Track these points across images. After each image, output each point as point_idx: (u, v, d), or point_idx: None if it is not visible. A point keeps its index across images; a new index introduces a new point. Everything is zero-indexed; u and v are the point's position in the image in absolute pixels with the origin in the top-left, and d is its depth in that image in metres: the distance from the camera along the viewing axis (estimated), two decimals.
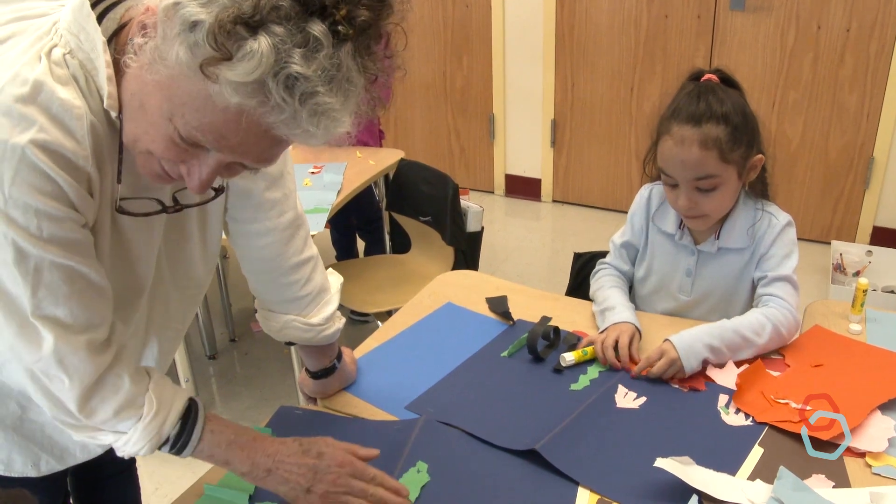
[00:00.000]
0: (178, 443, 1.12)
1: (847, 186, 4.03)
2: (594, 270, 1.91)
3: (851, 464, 1.39)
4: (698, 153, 1.62)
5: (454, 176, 2.94)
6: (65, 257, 0.96)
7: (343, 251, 3.65)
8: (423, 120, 4.89)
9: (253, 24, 0.80)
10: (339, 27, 0.83)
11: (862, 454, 1.41)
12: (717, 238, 1.77)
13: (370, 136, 3.39)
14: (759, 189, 1.78)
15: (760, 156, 1.71)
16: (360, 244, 3.70)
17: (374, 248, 3.56)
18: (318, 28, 0.82)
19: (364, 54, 0.87)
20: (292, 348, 2.68)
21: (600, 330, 1.70)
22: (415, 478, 1.30)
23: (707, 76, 1.72)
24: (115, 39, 0.94)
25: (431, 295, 1.92)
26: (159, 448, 1.11)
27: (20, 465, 1.22)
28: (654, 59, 4.18)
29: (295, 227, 1.35)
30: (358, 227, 3.60)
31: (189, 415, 1.13)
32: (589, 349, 1.64)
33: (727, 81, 1.72)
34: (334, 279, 1.48)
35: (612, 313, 1.71)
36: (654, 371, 1.58)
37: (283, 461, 1.18)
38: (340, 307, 1.47)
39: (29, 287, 0.95)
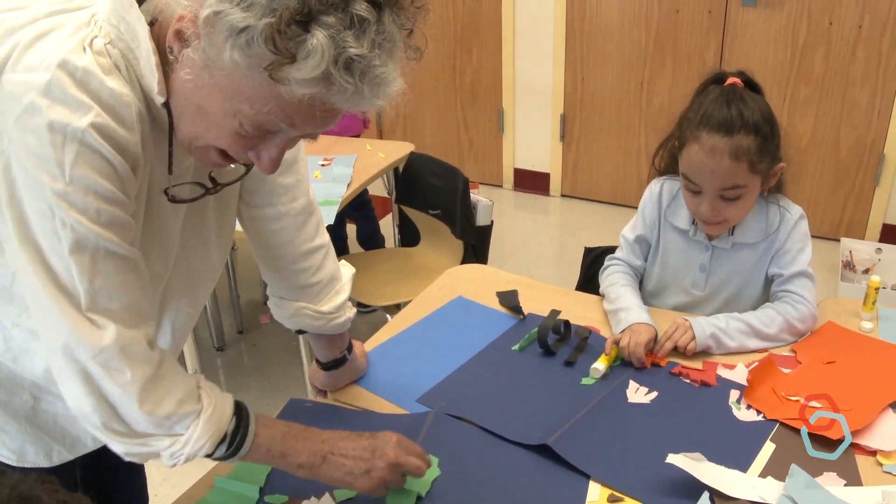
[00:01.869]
0: (236, 439, 1.11)
1: (857, 183, 4.01)
2: (604, 266, 1.91)
3: (863, 462, 1.38)
4: (729, 164, 1.60)
5: (463, 169, 2.93)
6: (119, 245, 0.96)
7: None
8: (432, 113, 4.88)
9: (304, 20, 0.83)
10: None
11: (873, 452, 1.40)
12: (732, 234, 1.77)
13: (356, 122, 3.42)
14: (775, 185, 1.76)
15: (782, 164, 1.70)
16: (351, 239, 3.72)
17: (366, 228, 3.61)
18: (361, 6, 0.84)
19: (398, 12, 0.90)
20: (301, 340, 2.69)
21: (616, 331, 1.69)
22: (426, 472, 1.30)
23: (731, 80, 1.68)
24: (150, 32, 0.95)
25: (441, 288, 1.91)
26: (214, 450, 1.09)
27: (32, 456, 1.22)
28: (665, 54, 4.16)
29: (307, 213, 1.35)
30: (347, 214, 3.60)
31: (240, 411, 1.13)
32: (613, 352, 1.63)
33: (750, 85, 1.70)
34: (346, 270, 1.48)
35: (627, 314, 1.70)
36: (668, 338, 1.62)
37: (339, 445, 1.18)
38: (350, 300, 1.47)
39: (86, 278, 0.95)
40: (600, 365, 1.58)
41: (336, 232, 3.62)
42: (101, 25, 0.94)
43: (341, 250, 3.75)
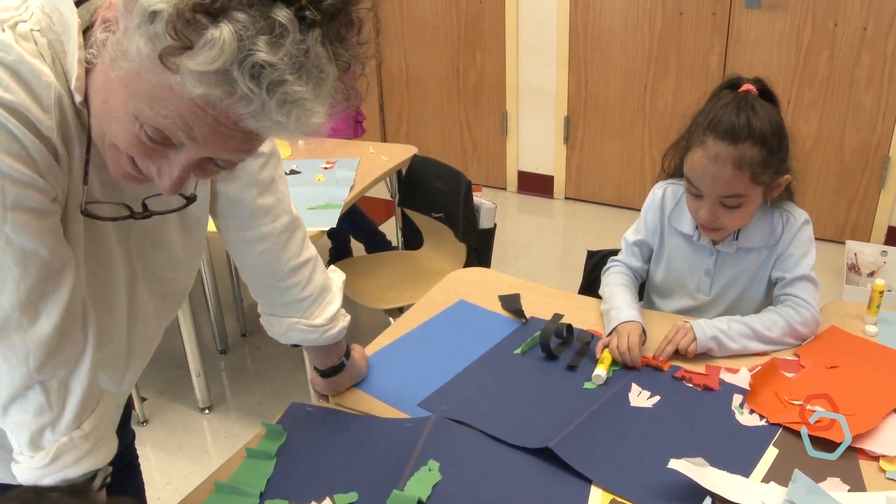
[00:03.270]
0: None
1: (862, 186, 4.00)
2: (605, 268, 1.91)
3: (867, 467, 1.38)
4: (731, 172, 1.60)
5: (466, 172, 2.93)
6: (24, 232, 0.89)
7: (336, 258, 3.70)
8: (435, 116, 4.88)
9: (214, 12, 0.77)
10: (306, 12, 0.80)
11: (877, 458, 1.40)
12: (737, 239, 1.76)
13: (346, 125, 3.43)
14: (783, 193, 1.75)
15: (788, 176, 1.70)
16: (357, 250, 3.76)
17: (363, 237, 3.70)
18: (283, 14, 0.78)
19: (335, 41, 0.83)
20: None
21: (606, 332, 1.70)
22: (426, 476, 1.29)
23: (746, 87, 1.67)
24: (87, 33, 0.91)
25: (444, 292, 1.91)
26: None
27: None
28: (669, 57, 4.16)
29: (290, 230, 1.32)
30: (364, 241, 3.67)
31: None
32: (606, 356, 1.62)
33: (765, 93, 1.68)
34: (336, 276, 1.47)
35: (617, 312, 1.70)
36: (668, 342, 1.62)
37: None
38: (346, 302, 1.45)
39: None
40: (601, 371, 1.57)
41: (340, 235, 3.65)
42: (33, 12, 0.90)
43: (345, 253, 3.76)
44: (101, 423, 1.03)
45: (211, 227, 1.27)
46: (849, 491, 1.31)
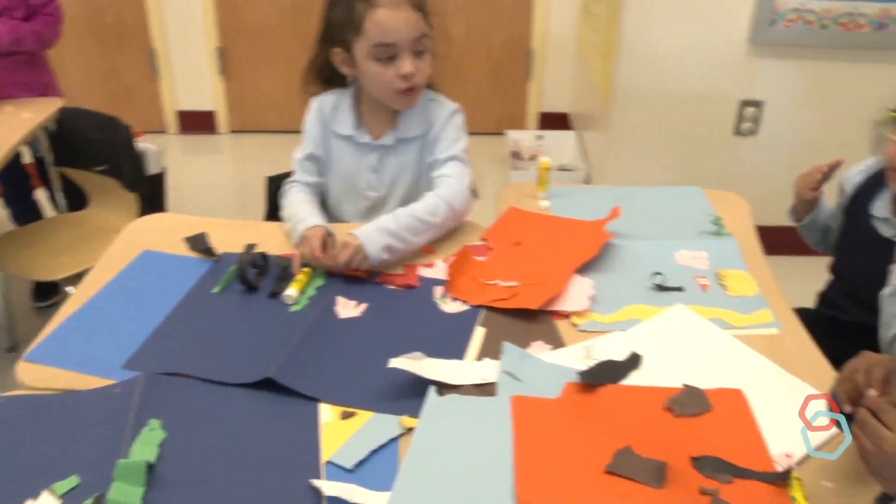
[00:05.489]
0: None
1: (512, 78, 4.27)
2: (280, 192, 1.89)
3: (561, 326, 1.49)
4: (414, 15, 1.71)
5: (122, 118, 2.71)
6: None
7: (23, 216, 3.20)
8: (76, 63, 4.45)
9: None
10: None
11: (568, 315, 1.52)
12: (396, 130, 1.84)
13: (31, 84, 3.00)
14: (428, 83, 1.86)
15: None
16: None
17: (25, 215, 3.15)
18: None
19: None
20: None
21: (295, 245, 1.70)
22: (150, 437, 1.20)
23: None
24: None
25: (125, 246, 1.77)
26: None
27: None
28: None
29: None
30: (4, 195, 3.19)
31: None
32: (301, 277, 1.60)
33: None
34: None
35: (300, 223, 1.71)
36: (341, 260, 1.61)
37: None
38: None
39: None
40: (292, 291, 1.55)
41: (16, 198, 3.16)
42: None
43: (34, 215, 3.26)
44: None
45: None
46: (552, 349, 1.42)
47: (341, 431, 1.23)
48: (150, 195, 2.78)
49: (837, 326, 1.77)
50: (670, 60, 2.94)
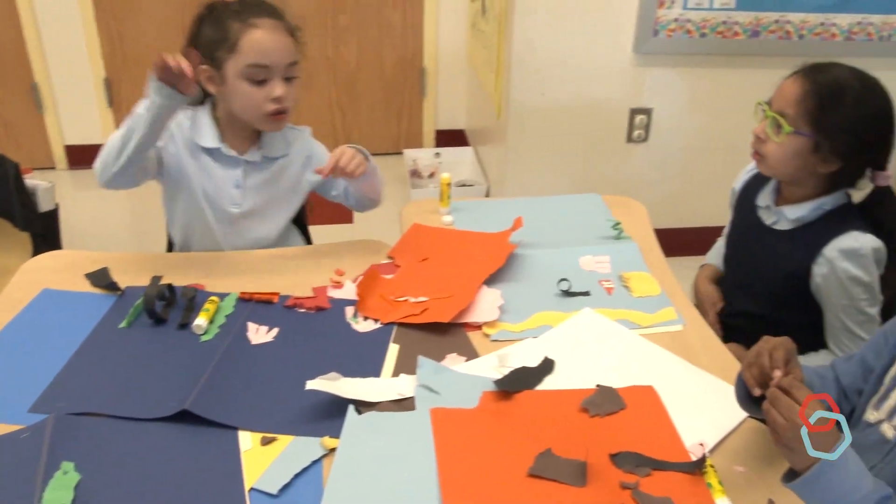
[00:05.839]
0: None
1: (406, 98, 4.30)
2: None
3: (474, 337, 1.52)
4: (289, 40, 1.74)
5: (7, 155, 2.62)
6: None
7: None
8: None
9: None
10: None
11: (479, 326, 1.54)
12: (260, 148, 1.85)
13: None
14: None
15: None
16: None
17: None
18: None
19: None
20: None
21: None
22: (63, 480, 1.16)
23: None
24: None
25: (22, 286, 1.70)
26: None
27: None
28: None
29: None
30: None
31: None
32: (210, 306, 1.57)
33: None
34: None
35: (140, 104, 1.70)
36: (343, 162, 1.69)
37: None
38: None
39: None
40: (201, 321, 1.53)
41: None
42: None
43: None
44: None
45: None
46: (466, 361, 1.44)
47: (263, 458, 1.21)
48: (44, 233, 2.69)
49: (730, 314, 1.86)
50: (560, 72, 3.02)
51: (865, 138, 1.56)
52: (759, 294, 1.76)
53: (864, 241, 1.56)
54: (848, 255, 1.57)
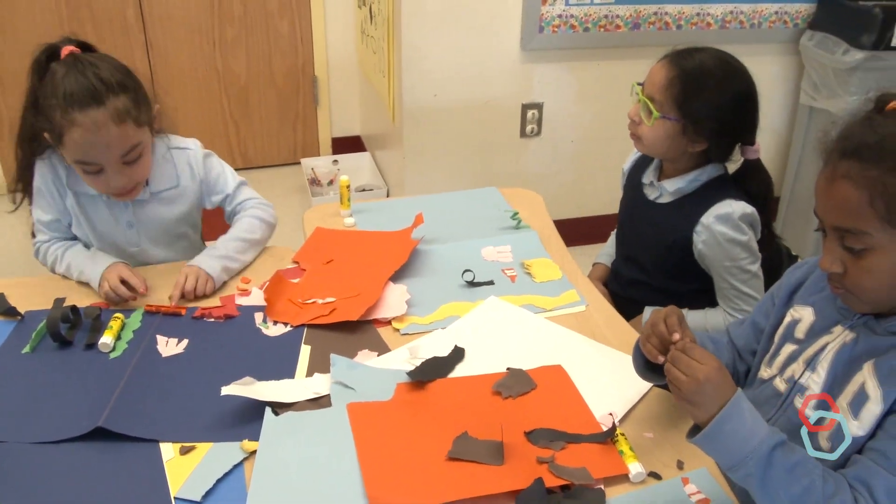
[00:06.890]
0: None
1: (300, 107, 4.29)
2: (34, 252, 1.85)
3: (384, 332, 1.55)
4: (116, 130, 1.57)
5: None
6: None
7: None
8: None
9: None
10: None
11: (388, 321, 1.57)
12: (147, 186, 1.78)
13: None
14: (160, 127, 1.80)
15: (157, 105, 1.73)
16: None
17: None
18: None
19: None
20: None
21: (97, 289, 1.67)
22: None
23: (67, 49, 1.63)
24: None
25: None
26: None
27: None
28: (83, 19, 3.93)
29: None
30: None
31: None
32: (114, 323, 1.55)
33: (85, 46, 1.68)
34: None
35: (89, 269, 1.70)
36: (188, 287, 1.65)
37: None
38: None
39: None
40: (107, 339, 1.51)
41: None
42: None
43: None
44: None
45: None
46: (378, 356, 1.47)
47: (184, 466, 1.21)
48: None
49: (624, 285, 1.96)
50: (451, 72, 3.07)
51: (728, 120, 1.68)
52: (648, 266, 1.85)
53: (736, 207, 1.68)
54: (723, 220, 1.68)
